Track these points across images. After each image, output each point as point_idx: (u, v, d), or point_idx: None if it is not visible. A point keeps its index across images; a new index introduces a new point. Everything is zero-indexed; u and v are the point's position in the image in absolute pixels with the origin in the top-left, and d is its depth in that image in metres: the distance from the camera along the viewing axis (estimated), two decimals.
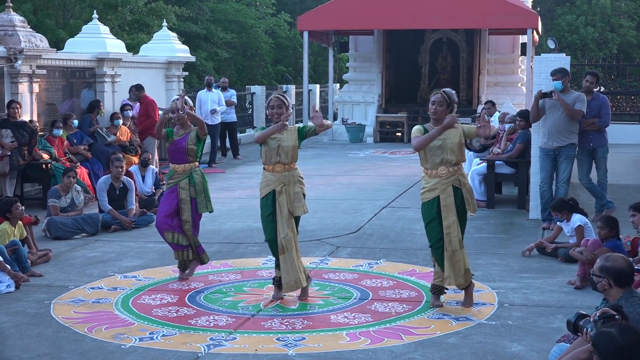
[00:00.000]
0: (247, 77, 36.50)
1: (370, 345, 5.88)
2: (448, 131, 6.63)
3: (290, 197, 6.86)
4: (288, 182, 6.87)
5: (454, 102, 6.76)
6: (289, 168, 6.91)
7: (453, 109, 6.75)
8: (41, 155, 11.94)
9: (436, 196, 6.64)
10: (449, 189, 6.63)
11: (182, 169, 7.71)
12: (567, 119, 9.82)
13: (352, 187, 13.64)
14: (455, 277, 6.70)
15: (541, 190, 10.10)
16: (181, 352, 5.76)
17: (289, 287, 6.92)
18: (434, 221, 6.69)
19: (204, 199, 7.73)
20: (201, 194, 7.71)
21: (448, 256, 6.66)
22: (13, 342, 5.99)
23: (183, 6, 31.98)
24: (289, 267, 6.85)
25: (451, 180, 6.64)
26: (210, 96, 16.92)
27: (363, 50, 22.92)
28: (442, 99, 6.70)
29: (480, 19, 19.52)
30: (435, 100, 6.72)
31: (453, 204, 6.63)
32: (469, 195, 6.70)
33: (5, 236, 8.06)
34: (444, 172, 6.64)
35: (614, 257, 4.70)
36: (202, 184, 7.74)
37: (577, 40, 40.12)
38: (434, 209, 6.67)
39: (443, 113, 6.68)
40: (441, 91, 6.78)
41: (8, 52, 12.39)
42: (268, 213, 6.91)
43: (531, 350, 5.76)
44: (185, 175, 7.69)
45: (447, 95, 6.75)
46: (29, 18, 20.17)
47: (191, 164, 7.73)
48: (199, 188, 7.70)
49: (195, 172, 7.73)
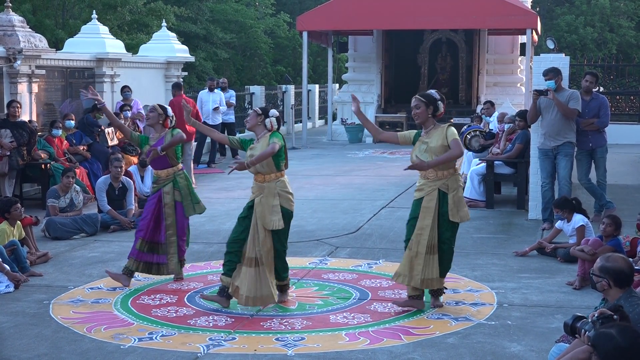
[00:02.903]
0: (246, 78, 36.49)
1: (369, 346, 5.88)
2: (433, 134, 6.61)
3: (264, 209, 6.72)
4: (266, 194, 6.74)
5: (433, 101, 6.65)
6: (268, 178, 6.77)
7: (436, 107, 6.67)
8: (40, 156, 11.94)
9: (422, 197, 6.63)
10: (434, 192, 6.57)
11: (165, 174, 7.63)
12: (563, 118, 9.83)
13: (351, 187, 13.64)
14: (411, 278, 6.63)
15: (542, 190, 10.10)
16: (180, 352, 5.76)
17: (255, 302, 6.69)
18: (413, 220, 6.68)
19: (190, 202, 7.64)
20: (187, 197, 7.62)
21: (409, 255, 6.63)
22: (12, 342, 5.99)
23: (182, 6, 31.96)
24: (262, 282, 6.67)
25: (438, 184, 6.57)
26: (211, 97, 16.94)
27: (362, 50, 22.92)
28: (417, 102, 6.67)
29: (480, 19, 19.52)
30: (412, 106, 6.74)
31: (433, 208, 6.56)
32: (456, 204, 6.57)
33: (4, 236, 8.05)
34: (431, 175, 6.60)
35: (614, 258, 4.71)
36: (187, 187, 7.65)
37: (577, 41, 40.12)
38: (418, 208, 6.65)
39: (424, 115, 6.63)
40: (415, 96, 6.76)
41: (7, 52, 12.39)
42: (242, 216, 6.83)
43: (530, 351, 5.76)
44: (169, 180, 7.61)
45: (422, 96, 6.71)
46: (28, 18, 20.15)
47: (174, 168, 7.63)
48: (184, 192, 7.60)
49: (179, 176, 7.62)
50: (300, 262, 8.46)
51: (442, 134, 6.59)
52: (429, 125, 6.67)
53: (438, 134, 6.61)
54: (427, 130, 6.69)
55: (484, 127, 13.34)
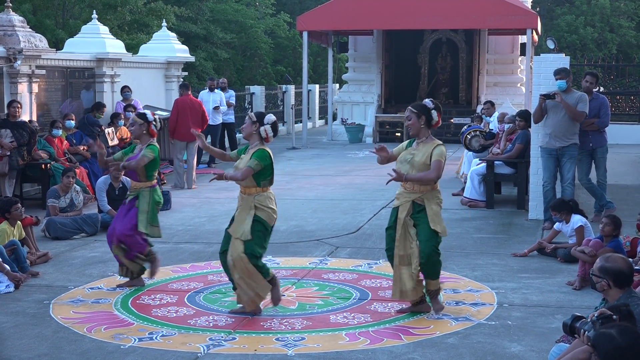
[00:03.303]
0: (246, 78, 36.49)
1: (369, 346, 5.88)
2: (420, 148, 6.51)
3: (236, 220, 6.59)
4: (243, 206, 6.59)
5: (426, 111, 6.50)
6: (248, 192, 6.58)
7: (430, 117, 6.50)
8: (40, 155, 11.94)
9: (398, 206, 6.58)
10: (408, 204, 6.50)
11: (134, 186, 7.62)
12: (570, 119, 9.82)
13: (351, 187, 13.64)
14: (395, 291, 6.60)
15: (544, 190, 10.09)
16: (180, 352, 5.76)
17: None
18: (390, 229, 6.62)
19: (145, 219, 7.51)
20: (143, 213, 7.52)
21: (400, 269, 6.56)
22: (12, 342, 5.99)
23: (182, 6, 31.96)
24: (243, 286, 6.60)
25: (413, 196, 6.48)
26: (212, 97, 16.96)
27: (362, 50, 22.92)
28: (408, 113, 6.57)
29: (480, 19, 19.53)
30: (405, 117, 6.65)
31: (403, 220, 6.47)
32: (432, 218, 6.42)
33: (4, 236, 8.06)
34: (408, 186, 6.52)
35: (613, 258, 4.71)
36: (148, 205, 7.53)
37: (577, 41, 40.11)
38: (394, 217, 6.59)
39: (416, 126, 6.51)
40: (408, 107, 6.66)
41: (7, 52, 12.39)
42: (227, 227, 6.74)
43: (530, 351, 5.76)
44: (135, 192, 7.60)
45: (414, 107, 6.59)
46: (28, 18, 20.14)
47: (141, 184, 7.55)
48: (142, 208, 7.50)
49: (142, 195, 7.52)
50: (300, 262, 8.47)
51: (429, 152, 6.47)
52: (422, 136, 6.55)
53: (426, 149, 6.49)
54: (419, 141, 6.57)
55: (484, 127, 13.34)
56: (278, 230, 10.14)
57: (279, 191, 13.39)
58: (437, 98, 23.24)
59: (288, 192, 13.23)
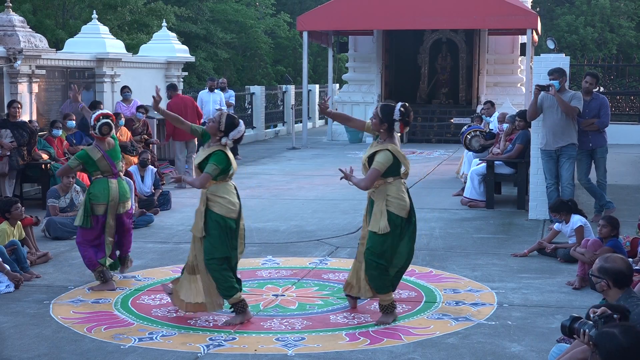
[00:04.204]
0: (246, 78, 36.51)
1: (369, 346, 5.88)
2: (372, 146, 6.40)
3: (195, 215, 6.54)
4: (201, 201, 6.51)
5: (389, 119, 6.27)
6: (207, 185, 6.44)
7: (391, 126, 6.28)
8: (40, 156, 11.94)
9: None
10: (369, 202, 6.52)
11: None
12: (566, 119, 9.83)
13: (351, 187, 13.54)
14: (359, 289, 6.54)
15: (548, 192, 10.09)
16: (180, 352, 5.76)
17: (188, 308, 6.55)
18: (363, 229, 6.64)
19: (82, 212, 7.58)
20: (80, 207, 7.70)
21: (355, 265, 6.57)
22: (12, 342, 5.99)
23: (182, 6, 31.99)
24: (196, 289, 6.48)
25: (369, 192, 6.46)
26: (212, 97, 16.97)
27: (362, 50, 22.93)
28: (374, 112, 6.40)
29: (480, 19, 19.54)
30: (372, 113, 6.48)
31: (365, 219, 6.52)
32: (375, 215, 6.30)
33: (4, 236, 8.06)
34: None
35: (613, 258, 4.71)
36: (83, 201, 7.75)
37: (577, 41, 40.12)
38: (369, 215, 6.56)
39: (377, 127, 6.37)
40: (379, 104, 6.47)
41: (7, 52, 12.39)
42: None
43: (530, 351, 5.76)
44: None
45: (381, 110, 6.34)
46: (28, 18, 20.16)
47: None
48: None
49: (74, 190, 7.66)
50: (300, 262, 8.47)
51: (372, 153, 6.33)
52: (381, 138, 6.40)
53: (373, 150, 6.35)
54: (378, 140, 6.45)
55: (484, 127, 13.34)
56: (278, 230, 10.15)
57: (279, 191, 13.46)
58: (437, 98, 23.29)
59: (288, 192, 13.24)
